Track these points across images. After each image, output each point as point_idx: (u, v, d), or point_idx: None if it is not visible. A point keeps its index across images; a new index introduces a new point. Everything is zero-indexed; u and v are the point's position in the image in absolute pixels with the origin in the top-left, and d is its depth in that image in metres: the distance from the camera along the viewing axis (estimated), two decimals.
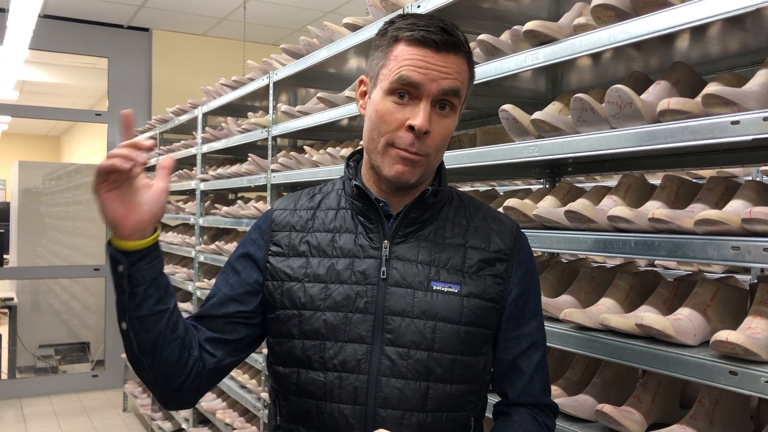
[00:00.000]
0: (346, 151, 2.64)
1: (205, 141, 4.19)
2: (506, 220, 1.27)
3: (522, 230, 1.29)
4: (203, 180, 4.16)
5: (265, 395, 3.14)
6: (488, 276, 1.19)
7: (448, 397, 1.15)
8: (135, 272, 1.06)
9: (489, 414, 1.31)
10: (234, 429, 3.54)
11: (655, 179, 1.75)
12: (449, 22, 1.15)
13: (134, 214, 1.04)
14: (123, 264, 1.05)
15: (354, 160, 1.27)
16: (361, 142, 1.23)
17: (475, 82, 1.82)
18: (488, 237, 1.22)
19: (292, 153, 3.03)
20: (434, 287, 1.16)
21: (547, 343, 1.60)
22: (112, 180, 1.02)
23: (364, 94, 1.22)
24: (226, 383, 3.59)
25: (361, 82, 1.23)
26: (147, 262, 1.07)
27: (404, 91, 1.11)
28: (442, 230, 1.21)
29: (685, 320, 1.39)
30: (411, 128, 1.10)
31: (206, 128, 4.12)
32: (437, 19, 1.15)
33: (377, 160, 1.15)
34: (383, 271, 1.15)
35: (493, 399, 1.30)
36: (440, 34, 1.11)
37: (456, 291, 1.16)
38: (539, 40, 1.66)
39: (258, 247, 1.23)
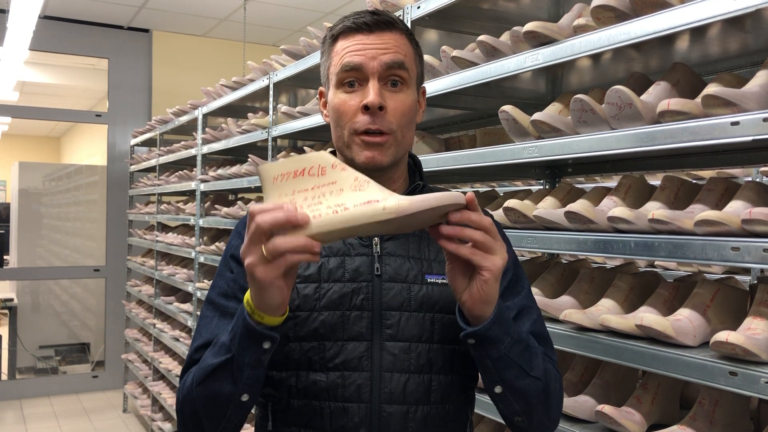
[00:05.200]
0: None
1: (205, 142, 4.19)
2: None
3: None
4: (203, 181, 4.16)
5: None
6: None
7: (450, 388, 1.16)
8: (276, 345, 1.02)
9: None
10: None
11: (655, 180, 1.75)
12: (382, 10, 1.20)
13: (289, 289, 0.98)
14: (273, 340, 1.00)
15: None
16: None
17: (476, 83, 1.84)
18: None
19: (292, 154, 3.03)
20: (429, 280, 1.17)
21: None
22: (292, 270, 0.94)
23: (325, 104, 1.24)
24: None
25: (321, 94, 1.26)
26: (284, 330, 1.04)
27: (352, 78, 1.14)
28: None
29: (685, 321, 1.39)
30: (366, 108, 1.12)
31: (206, 129, 4.12)
32: (369, 9, 1.19)
33: (348, 153, 1.17)
34: (377, 268, 1.16)
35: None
36: (370, 17, 1.15)
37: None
38: (539, 41, 1.67)
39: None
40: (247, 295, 0.99)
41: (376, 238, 1.18)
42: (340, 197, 0.92)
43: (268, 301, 0.95)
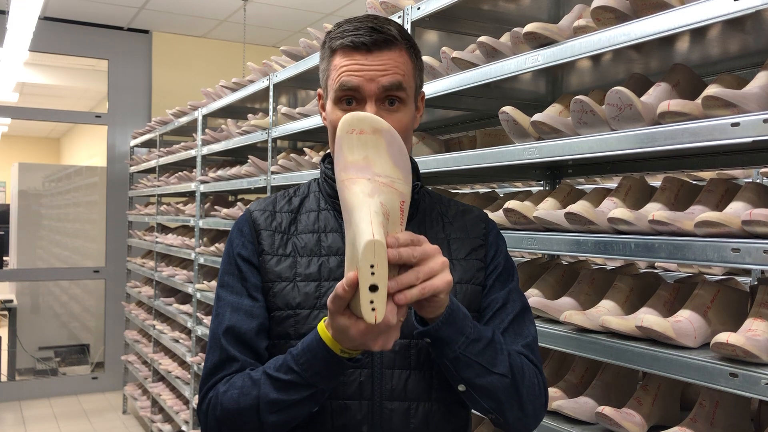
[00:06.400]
0: None
1: (205, 143, 4.19)
2: (475, 210, 1.31)
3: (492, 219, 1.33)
4: (203, 182, 4.16)
5: None
6: (475, 260, 1.23)
7: (451, 385, 1.16)
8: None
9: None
10: None
11: (656, 181, 1.75)
12: (383, 18, 1.17)
13: None
14: (355, 360, 1.02)
15: (329, 162, 1.28)
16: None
17: (476, 84, 1.84)
18: (465, 227, 1.26)
19: (292, 155, 3.03)
20: None
21: (548, 345, 1.61)
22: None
23: (323, 107, 1.24)
24: None
25: (319, 96, 1.26)
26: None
27: (349, 96, 1.14)
28: (423, 225, 1.24)
29: (685, 322, 1.39)
30: None
31: (206, 130, 4.12)
32: (370, 18, 1.17)
33: None
34: None
35: None
36: (369, 35, 1.13)
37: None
38: (539, 42, 1.66)
39: (247, 250, 1.21)
40: (328, 336, 0.99)
41: None
42: None
43: (367, 338, 0.95)
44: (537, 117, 1.67)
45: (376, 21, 1.16)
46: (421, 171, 1.45)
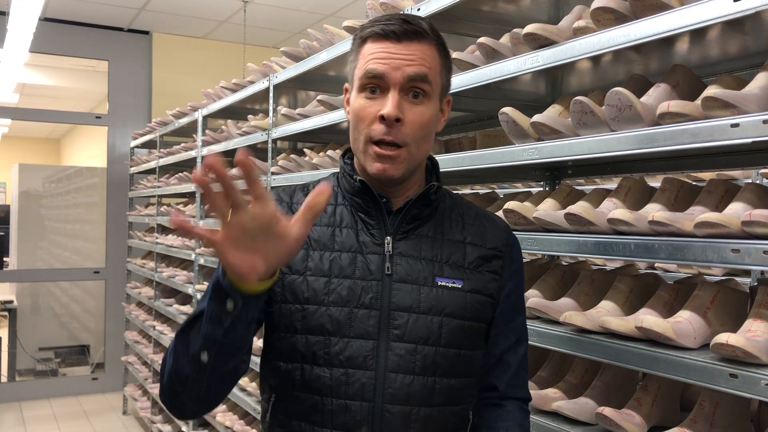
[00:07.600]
0: None
1: (205, 144, 4.19)
2: (497, 219, 1.31)
3: (515, 232, 1.33)
4: None
5: None
6: (486, 272, 1.22)
7: (452, 391, 1.17)
8: (243, 311, 0.99)
9: None
10: None
11: (655, 182, 1.75)
12: (415, 16, 1.19)
13: (261, 263, 0.94)
14: (236, 302, 0.97)
15: (348, 157, 1.28)
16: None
17: (476, 85, 1.84)
18: (483, 234, 1.25)
19: (292, 156, 3.03)
20: (439, 283, 1.18)
21: (548, 346, 1.61)
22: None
23: (348, 101, 1.24)
24: None
25: (346, 90, 1.26)
26: (257, 301, 1.00)
27: (373, 85, 1.14)
28: (440, 227, 1.23)
29: (685, 323, 1.39)
30: (382, 118, 1.12)
31: (206, 131, 4.12)
32: (402, 14, 1.18)
33: (362, 159, 1.18)
34: (387, 267, 1.16)
35: None
36: (399, 25, 1.14)
37: (460, 286, 1.19)
38: (539, 42, 1.67)
39: None
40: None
41: (388, 237, 1.19)
42: None
43: (230, 270, 0.94)
44: (537, 118, 1.67)
45: (407, 16, 1.17)
46: None
